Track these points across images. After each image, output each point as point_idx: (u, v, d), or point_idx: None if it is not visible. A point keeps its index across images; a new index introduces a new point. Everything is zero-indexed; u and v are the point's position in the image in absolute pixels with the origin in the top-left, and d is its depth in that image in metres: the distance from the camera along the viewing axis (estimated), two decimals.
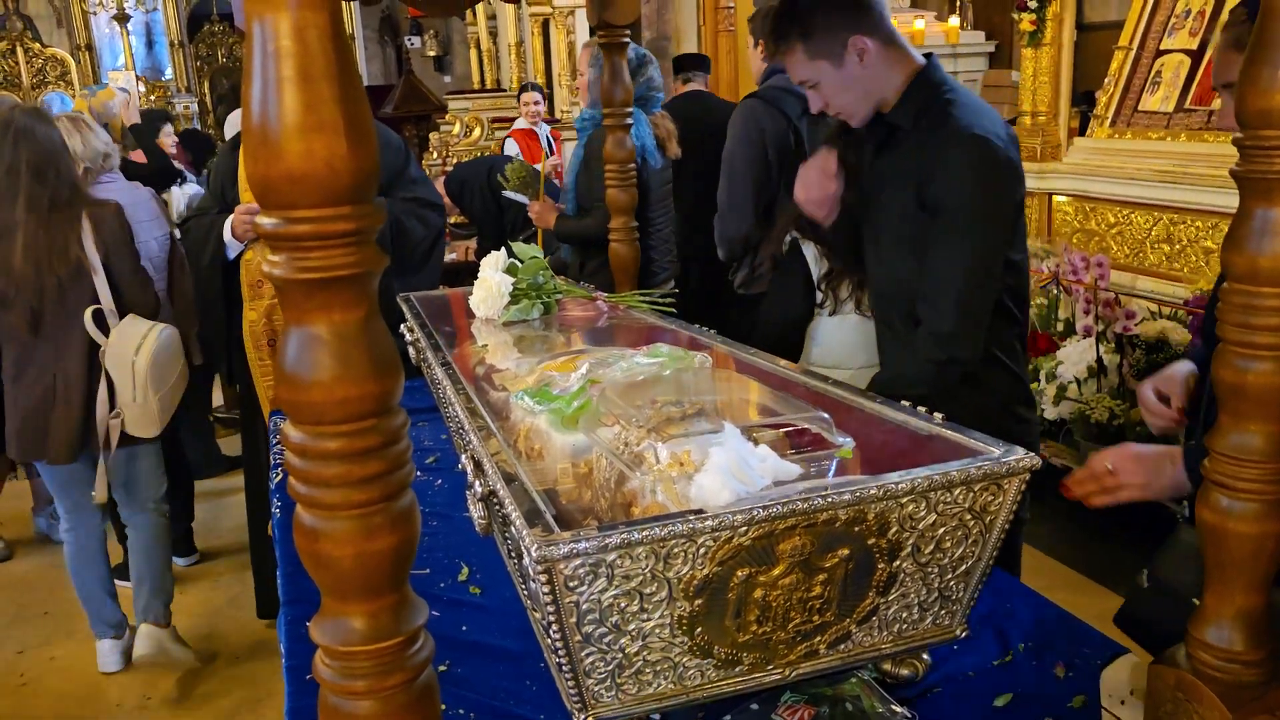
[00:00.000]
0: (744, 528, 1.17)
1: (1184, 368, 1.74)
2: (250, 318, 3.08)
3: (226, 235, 3.00)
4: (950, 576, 1.34)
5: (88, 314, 2.98)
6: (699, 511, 1.16)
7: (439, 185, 4.94)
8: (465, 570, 1.85)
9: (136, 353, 2.96)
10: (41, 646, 3.47)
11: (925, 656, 1.44)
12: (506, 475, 1.32)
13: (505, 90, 8.84)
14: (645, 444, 1.36)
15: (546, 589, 1.12)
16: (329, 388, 0.77)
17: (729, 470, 1.22)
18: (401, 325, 2.52)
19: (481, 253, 2.47)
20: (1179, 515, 1.69)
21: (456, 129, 7.70)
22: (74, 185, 3.05)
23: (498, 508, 1.31)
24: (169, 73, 13.10)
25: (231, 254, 3.04)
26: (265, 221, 0.75)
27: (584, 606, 1.15)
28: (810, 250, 2.59)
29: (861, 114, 2.13)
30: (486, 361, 2.09)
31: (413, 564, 0.86)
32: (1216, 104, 4.26)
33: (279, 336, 3.04)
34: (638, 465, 1.34)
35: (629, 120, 2.93)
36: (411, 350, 2.45)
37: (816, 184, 2.20)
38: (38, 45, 12.07)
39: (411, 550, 0.84)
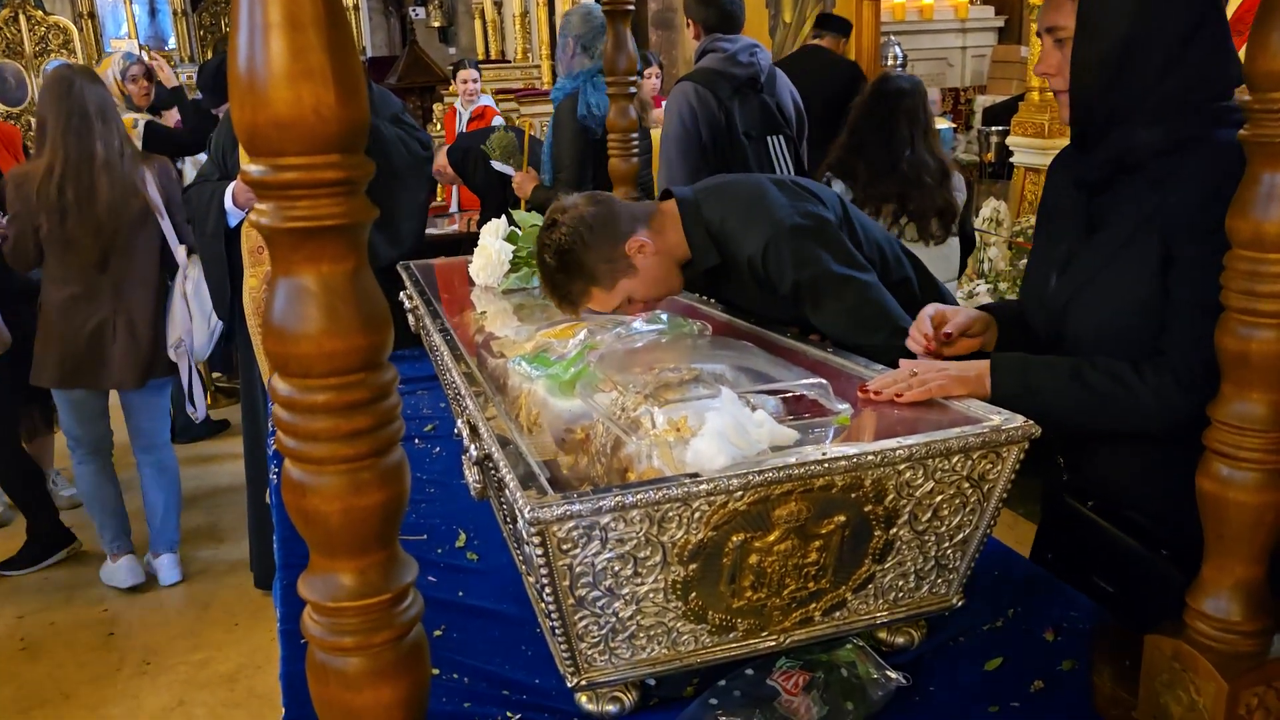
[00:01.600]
0: (739, 492, 1.16)
1: (975, 311, 1.65)
2: (250, 284, 3.07)
3: (228, 202, 2.98)
4: (947, 545, 1.33)
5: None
6: (694, 475, 1.15)
7: (441, 155, 4.91)
8: (463, 536, 1.85)
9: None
10: (41, 611, 3.48)
11: (921, 624, 1.43)
12: (502, 439, 1.32)
13: (510, 61, 8.78)
14: (642, 409, 1.35)
15: (540, 552, 1.12)
16: (316, 340, 0.76)
17: (725, 435, 1.22)
18: (401, 293, 2.51)
19: (484, 223, 2.45)
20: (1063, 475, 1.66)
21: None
22: (126, 136, 3.40)
23: (493, 471, 1.31)
24: (172, 42, 13.03)
25: (233, 221, 3.03)
26: (252, 169, 0.74)
27: (577, 570, 1.15)
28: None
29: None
30: (485, 329, 2.08)
31: (402, 521, 0.85)
32: None
33: None
34: (634, 430, 1.34)
35: (632, 89, 2.91)
36: (411, 318, 2.45)
37: None
38: (40, 13, 11.99)
39: (400, 507, 0.83)
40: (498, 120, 5.98)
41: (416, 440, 2.32)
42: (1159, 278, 1.41)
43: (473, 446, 1.37)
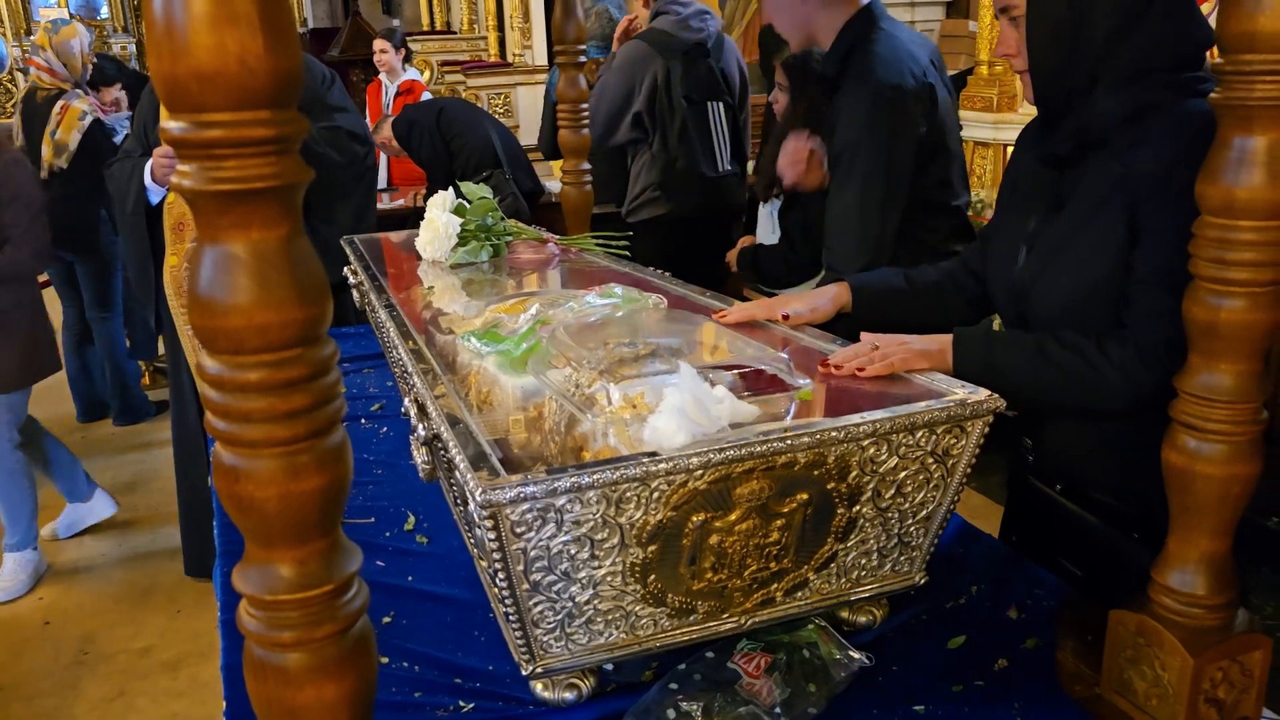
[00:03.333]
0: (699, 471, 1.12)
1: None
2: (171, 263, 2.93)
3: (147, 179, 2.85)
4: (911, 522, 1.31)
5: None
6: (652, 454, 1.11)
7: (387, 127, 4.80)
8: (412, 519, 1.79)
9: None
10: None
11: (883, 603, 1.41)
12: (451, 418, 1.26)
13: (456, 33, 8.61)
14: (597, 386, 1.30)
15: (492, 535, 1.07)
16: (248, 312, 0.70)
17: (684, 412, 1.17)
18: (345, 268, 2.43)
19: (431, 196, 2.37)
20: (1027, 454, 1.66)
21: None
22: None
23: (442, 452, 1.25)
24: (105, 11, 12.62)
25: (154, 199, 2.89)
26: (172, 125, 0.67)
27: (532, 554, 1.10)
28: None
29: (793, 41, 2.26)
30: (433, 305, 2.01)
31: (345, 507, 0.79)
32: None
33: None
34: (589, 408, 1.29)
35: (581, 59, 2.84)
36: (356, 294, 2.37)
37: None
38: None
39: (343, 491, 0.78)
40: (426, 96, 5.81)
41: (363, 420, 2.25)
42: (1124, 252, 1.39)
43: (420, 426, 1.31)
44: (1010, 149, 4.87)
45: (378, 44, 5.98)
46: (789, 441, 1.15)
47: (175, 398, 3.24)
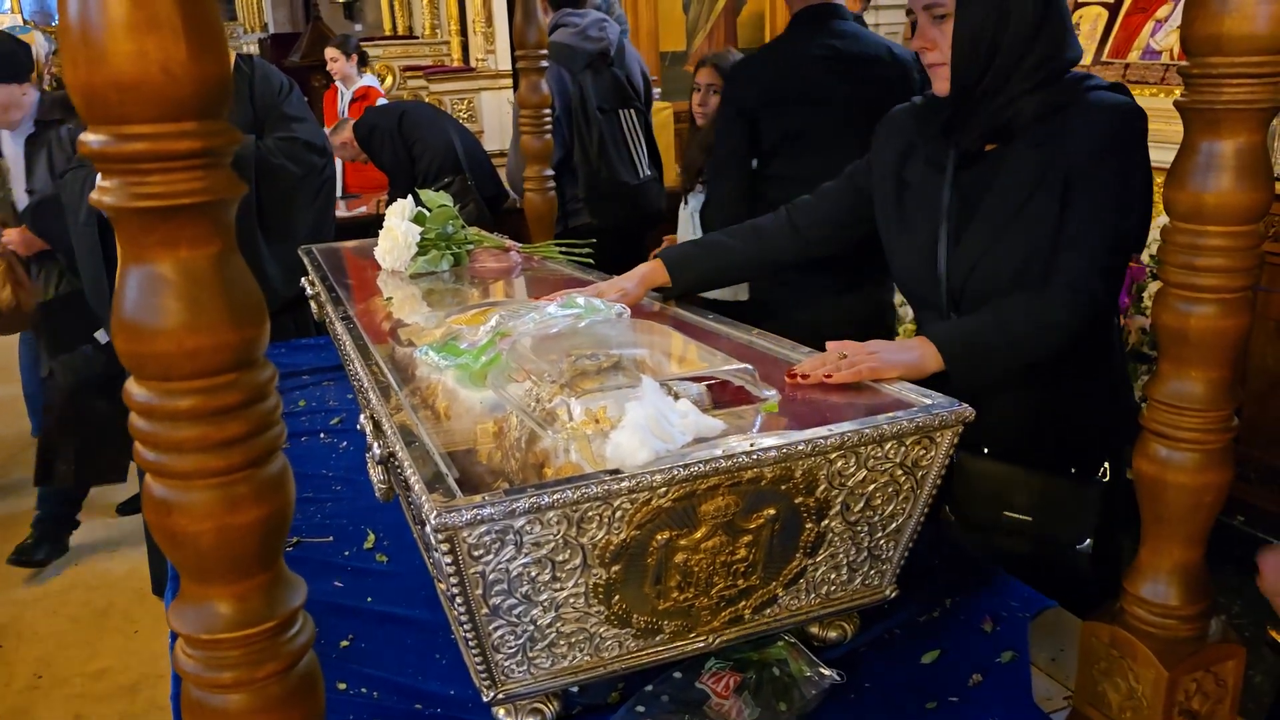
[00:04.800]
0: (663, 488, 1.08)
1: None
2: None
3: None
4: (880, 535, 1.28)
5: None
6: (615, 472, 1.07)
7: (347, 130, 4.73)
8: (371, 537, 1.74)
9: None
10: None
11: (854, 618, 1.38)
12: (406, 436, 1.22)
13: (419, 38, 8.53)
14: (558, 400, 1.27)
15: (449, 559, 1.03)
16: (176, 337, 0.65)
17: (647, 427, 1.14)
18: (303, 279, 2.38)
19: (392, 203, 2.33)
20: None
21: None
22: None
23: (398, 471, 1.21)
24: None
25: None
26: (91, 139, 0.63)
27: (491, 577, 1.06)
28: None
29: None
30: (392, 316, 1.96)
31: (286, 538, 0.75)
32: (1133, 57, 4.28)
33: None
34: (550, 423, 1.25)
35: (543, 63, 2.81)
36: (314, 305, 2.32)
37: None
38: None
39: (284, 522, 0.74)
40: (382, 101, 5.73)
41: (322, 435, 2.20)
42: (1058, 230, 1.53)
43: (376, 444, 1.27)
44: None
45: (329, 52, 5.92)
46: (755, 456, 1.11)
47: None
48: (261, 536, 0.71)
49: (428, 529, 1.03)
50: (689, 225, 3.26)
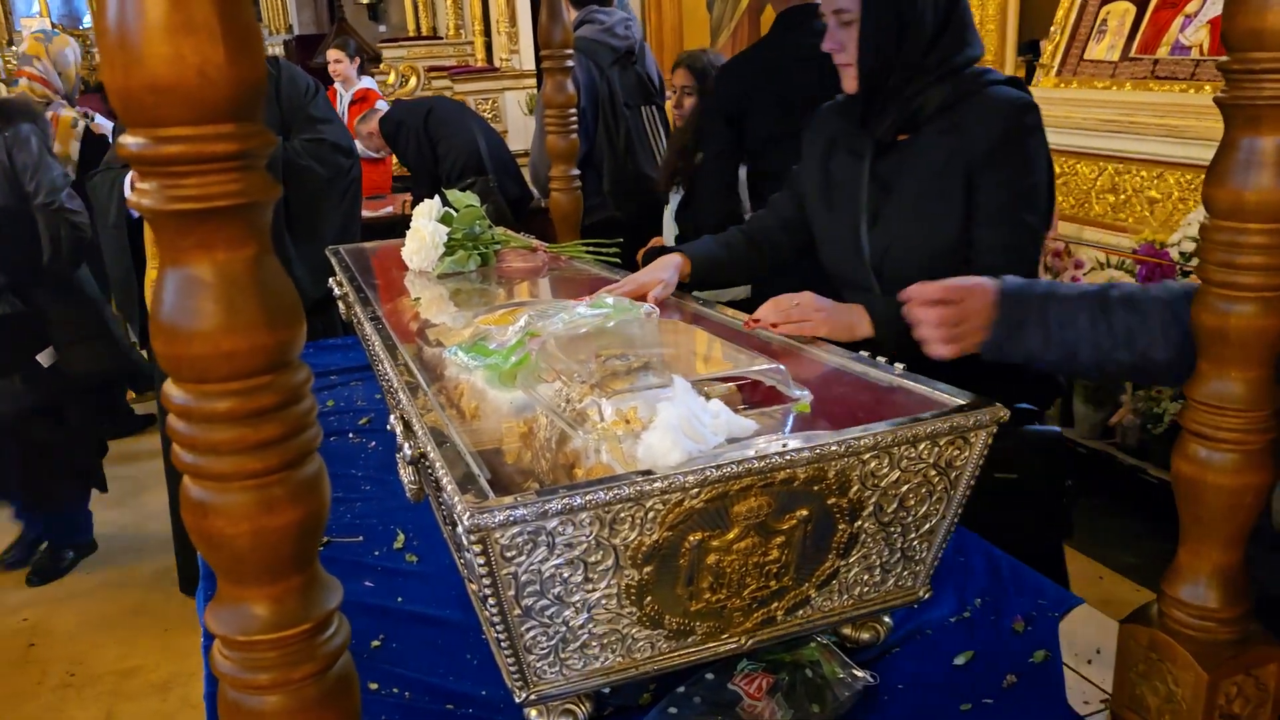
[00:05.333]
0: (696, 489, 1.08)
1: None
2: (151, 276, 2.87)
3: (128, 191, 2.80)
4: (914, 536, 1.27)
5: None
6: (647, 473, 1.07)
7: (374, 121, 4.75)
8: (401, 537, 1.75)
9: None
10: None
11: (886, 619, 1.37)
12: (438, 436, 1.22)
13: (442, 38, 8.57)
14: (588, 401, 1.26)
15: (481, 560, 1.02)
16: (213, 339, 0.66)
17: (679, 427, 1.13)
18: (331, 280, 2.38)
19: (417, 203, 2.34)
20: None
21: (392, 78, 7.44)
22: None
23: (429, 472, 1.21)
24: (87, 20, 12.53)
25: (136, 212, 2.83)
26: (129, 141, 0.63)
27: (523, 578, 1.06)
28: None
29: None
30: (420, 316, 1.97)
31: (321, 539, 0.75)
32: (1161, 52, 4.23)
33: None
34: (580, 424, 1.25)
35: (569, 63, 2.81)
36: (342, 306, 2.32)
37: None
38: None
39: (320, 524, 0.74)
40: (381, 104, 5.75)
41: (351, 435, 2.21)
42: (965, 214, 1.69)
43: (406, 444, 1.27)
44: None
45: (331, 54, 5.96)
46: (788, 456, 1.11)
47: (162, 412, 3.18)
48: (297, 538, 0.71)
49: (460, 530, 1.03)
50: (671, 226, 3.29)
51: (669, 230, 3.31)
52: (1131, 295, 1.37)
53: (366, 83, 6.10)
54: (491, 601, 1.06)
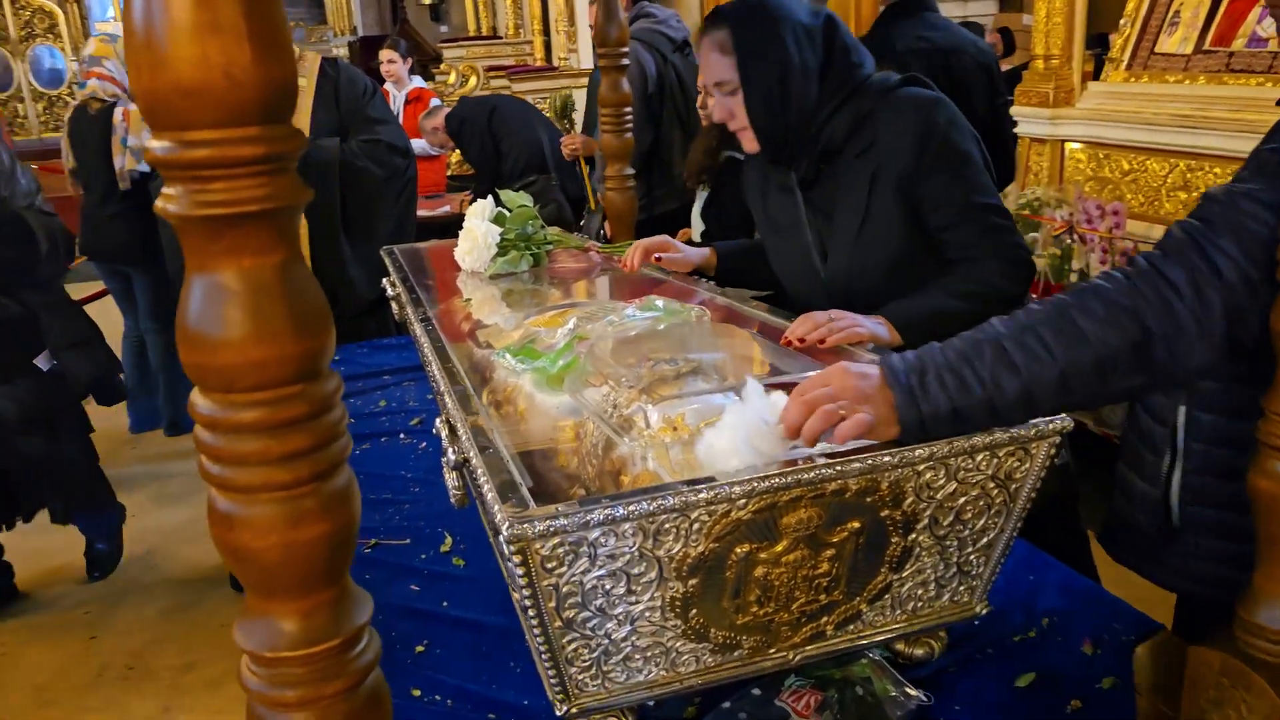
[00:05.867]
0: (743, 500, 1.04)
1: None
2: None
3: None
4: (970, 550, 1.22)
5: None
6: (692, 482, 1.04)
7: (439, 117, 4.77)
8: (449, 540, 1.73)
9: None
10: (19, 614, 3.37)
11: (942, 634, 1.32)
12: (481, 442, 1.20)
13: (502, 38, 8.61)
14: (635, 406, 1.24)
15: (521, 570, 1.00)
16: (241, 348, 0.64)
17: (744, 432, 1.10)
18: (384, 280, 2.39)
19: (478, 200, 2.33)
20: None
21: (452, 78, 7.49)
22: None
23: (471, 478, 1.19)
24: None
25: None
26: (156, 145, 0.62)
27: (564, 589, 1.03)
28: None
29: None
30: (471, 317, 1.96)
31: (354, 552, 0.73)
32: (1238, 44, 4.09)
33: None
34: (626, 430, 1.22)
35: (624, 60, 2.79)
36: (395, 306, 2.32)
37: None
38: None
39: (350, 538, 0.72)
40: (435, 103, 5.77)
41: (402, 435, 2.21)
42: (909, 222, 1.69)
43: (451, 450, 1.25)
44: (1066, 145, 4.73)
45: (384, 54, 5.97)
46: (839, 468, 1.07)
47: None
48: (328, 552, 0.70)
49: (500, 539, 1.00)
50: (698, 223, 3.26)
51: (696, 226, 3.30)
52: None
53: (418, 82, 6.13)
54: (532, 613, 1.04)
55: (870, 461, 1.08)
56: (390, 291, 2.30)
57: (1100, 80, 4.82)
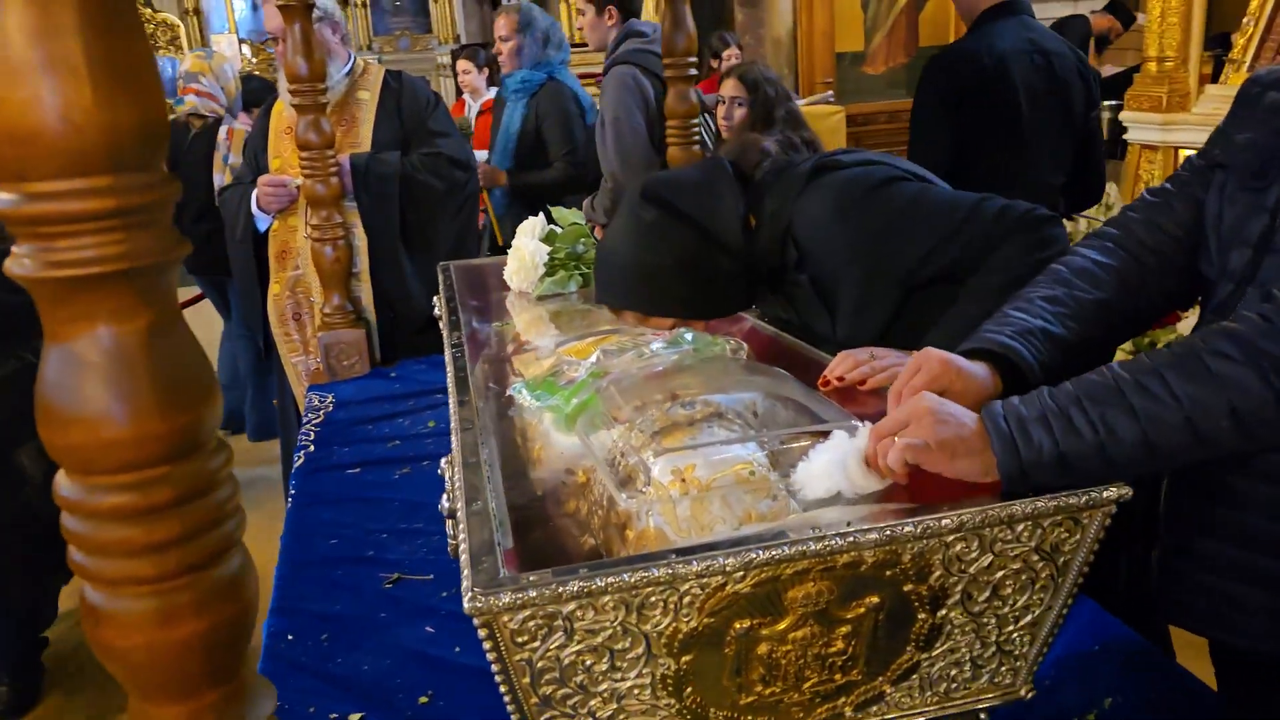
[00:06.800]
0: (739, 572, 0.93)
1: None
2: (274, 291, 2.90)
3: (253, 206, 2.83)
4: (1012, 628, 1.08)
5: None
6: (682, 551, 0.93)
7: None
8: None
9: None
10: None
11: (981, 717, 1.18)
12: (470, 492, 1.11)
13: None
14: (637, 459, 1.13)
15: (489, 644, 0.91)
16: (97, 426, 0.56)
17: (844, 462, 1.08)
18: (435, 298, 2.33)
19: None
20: None
21: None
22: None
23: (455, 532, 1.11)
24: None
25: (262, 226, 2.87)
26: (1, 198, 0.54)
27: (539, 665, 0.94)
28: None
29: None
30: (506, 344, 1.88)
31: (247, 647, 0.65)
32: None
33: (303, 309, 2.91)
34: (628, 484, 1.12)
35: (692, 71, 2.69)
36: (442, 328, 2.27)
37: None
38: (149, 10, 12.25)
39: (242, 632, 0.64)
40: None
41: (425, 462, 2.14)
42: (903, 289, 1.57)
43: (445, 497, 1.17)
44: (1180, 151, 4.44)
45: (460, 65, 5.93)
46: (851, 538, 0.95)
47: (283, 424, 3.24)
48: (206, 651, 0.62)
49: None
50: None
51: None
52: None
53: (493, 92, 6.10)
54: (504, 689, 0.95)
55: (889, 533, 0.96)
56: (438, 311, 2.25)
57: (1220, 83, 4.52)
